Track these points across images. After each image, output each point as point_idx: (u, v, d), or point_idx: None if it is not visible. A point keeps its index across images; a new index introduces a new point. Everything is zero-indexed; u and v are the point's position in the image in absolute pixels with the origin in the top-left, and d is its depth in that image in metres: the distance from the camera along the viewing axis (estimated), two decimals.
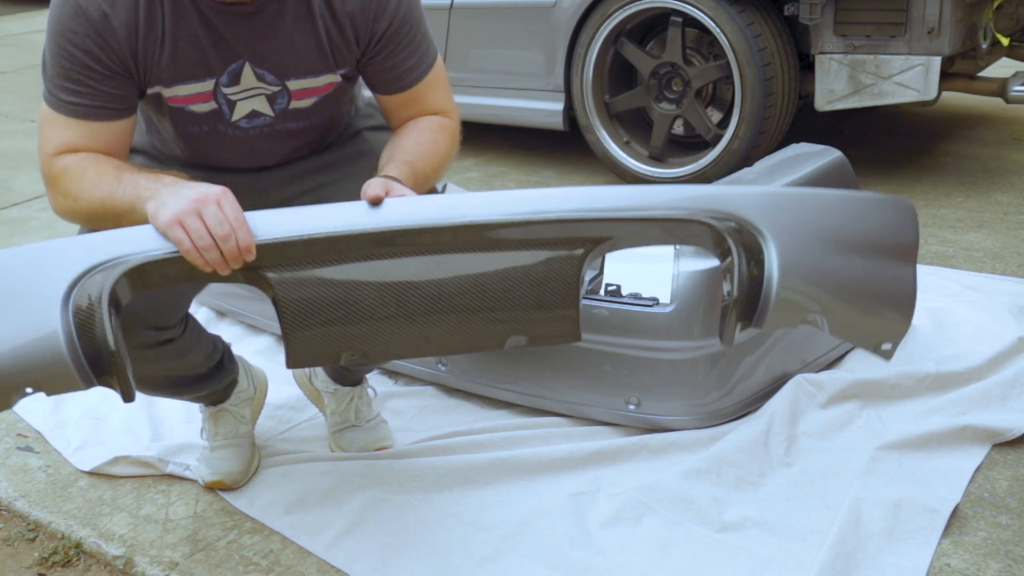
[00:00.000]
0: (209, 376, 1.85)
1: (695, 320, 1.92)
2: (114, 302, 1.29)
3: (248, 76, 1.58)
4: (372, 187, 1.39)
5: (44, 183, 1.56)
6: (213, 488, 1.92)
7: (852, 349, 2.24)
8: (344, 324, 1.37)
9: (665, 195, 1.41)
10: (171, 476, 1.98)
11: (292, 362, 1.41)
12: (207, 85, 1.59)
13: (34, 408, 2.23)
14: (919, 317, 2.37)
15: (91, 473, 2.00)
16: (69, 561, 1.79)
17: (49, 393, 1.26)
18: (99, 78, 1.53)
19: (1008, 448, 1.91)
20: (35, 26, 8.69)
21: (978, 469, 1.85)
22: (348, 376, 1.98)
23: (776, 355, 2.06)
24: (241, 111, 1.62)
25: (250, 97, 1.61)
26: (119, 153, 1.57)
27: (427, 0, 4.42)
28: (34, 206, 3.90)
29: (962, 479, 1.81)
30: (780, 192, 1.43)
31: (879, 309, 1.39)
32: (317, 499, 1.85)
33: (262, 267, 1.35)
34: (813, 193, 1.46)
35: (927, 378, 2.09)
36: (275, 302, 1.37)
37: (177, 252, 1.32)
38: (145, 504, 1.90)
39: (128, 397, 1.31)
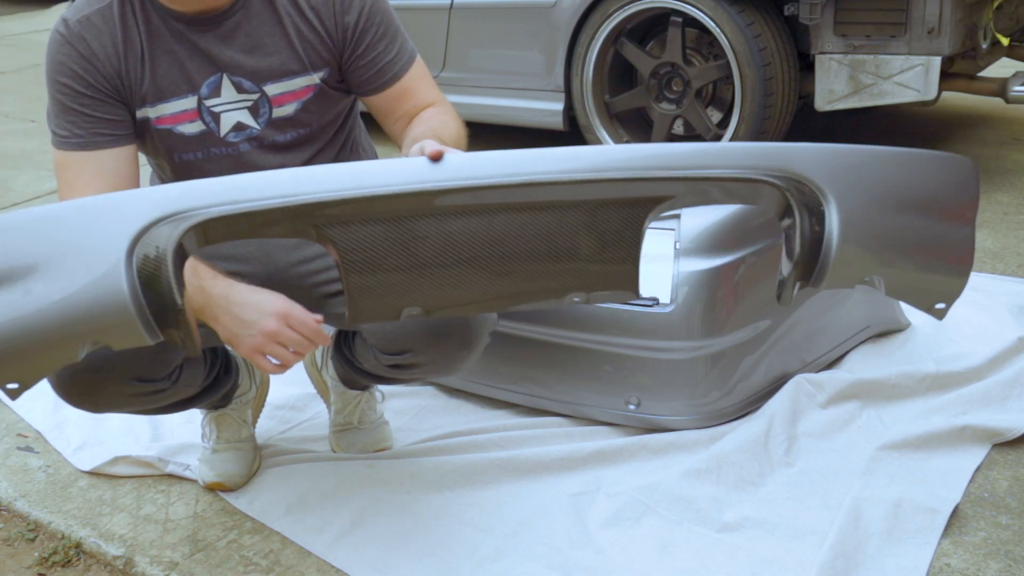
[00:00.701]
0: (203, 394, 1.81)
1: (695, 320, 1.92)
2: (180, 256, 1.28)
3: (227, 87, 1.62)
4: (429, 145, 1.35)
5: None
6: (213, 489, 1.92)
7: (852, 349, 2.24)
8: (407, 276, 1.35)
9: (728, 154, 1.39)
10: (171, 476, 1.98)
11: (353, 316, 1.38)
12: (191, 102, 1.62)
13: (34, 408, 2.23)
14: (919, 317, 2.38)
15: (91, 473, 2.00)
16: (69, 561, 1.79)
17: (116, 347, 1.25)
18: (92, 103, 1.58)
19: (1008, 448, 1.92)
20: (35, 26, 8.69)
21: (978, 469, 1.85)
22: (356, 383, 1.97)
23: (776, 355, 2.06)
24: (227, 124, 1.64)
25: (233, 109, 1.63)
26: (128, 182, 1.60)
27: (427, 0, 4.40)
28: (34, 206, 3.90)
29: (962, 479, 1.81)
30: (842, 149, 1.40)
31: (936, 269, 1.38)
32: (317, 499, 1.85)
33: (327, 224, 1.32)
34: (875, 151, 1.43)
35: (927, 378, 2.09)
36: (338, 257, 1.35)
37: (242, 209, 1.29)
38: (145, 504, 1.90)
39: (193, 351, 1.32)
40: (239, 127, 1.64)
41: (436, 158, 1.32)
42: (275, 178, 1.30)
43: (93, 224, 1.26)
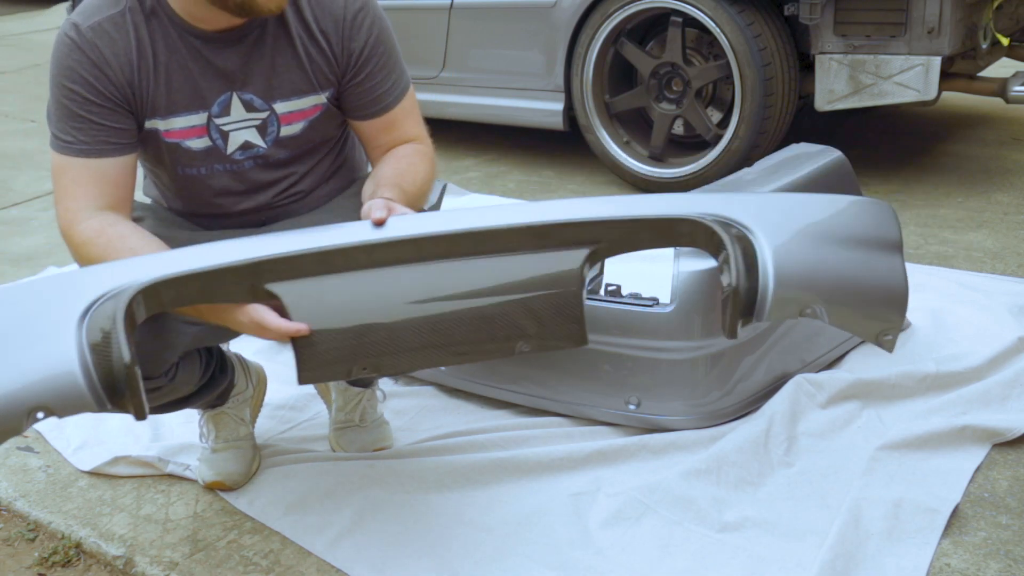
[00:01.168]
0: (198, 394, 1.81)
1: (695, 320, 1.92)
2: (129, 319, 1.31)
3: (237, 106, 1.63)
4: (375, 208, 1.44)
5: (64, 239, 1.60)
6: (213, 488, 1.92)
7: (852, 349, 2.24)
8: (354, 336, 1.38)
9: (659, 203, 1.49)
10: (171, 476, 1.98)
11: (304, 378, 1.41)
12: (201, 118, 1.63)
13: None
14: (919, 317, 2.38)
15: (91, 473, 2.01)
16: (69, 561, 1.79)
17: (61, 416, 1.26)
18: (100, 112, 1.57)
19: (1008, 448, 1.92)
20: (35, 26, 8.69)
21: (978, 469, 1.85)
22: (359, 379, 1.97)
23: (776, 355, 2.06)
24: (235, 142, 1.65)
25: (242, 128, 1.64)
26: (126, 190, 1.62)
27: (427, 0, 4.39)
28: (34, 206, 3.90)
29: (962, 479, 1.81)
30: (765, 196, 1.51)
31: (874, 299, 1.43)
32: (317, 499, 1.85)
33: (272, 282, 1.39)
34: (795, 196, 1.56)
35: (927, 378, 2.09)
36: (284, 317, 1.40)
37: (188, 272, 1.36)
38: (145, 504, 1.90)
39: (140, 415, 1.31)
40: (246, 146, 1.66)
41: (379, 224, 1.43)
42: (223, 248, 1.40)
43: (43, 299, 1.31)
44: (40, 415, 1.24)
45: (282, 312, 1.39)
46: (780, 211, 1.45)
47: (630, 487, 1.83)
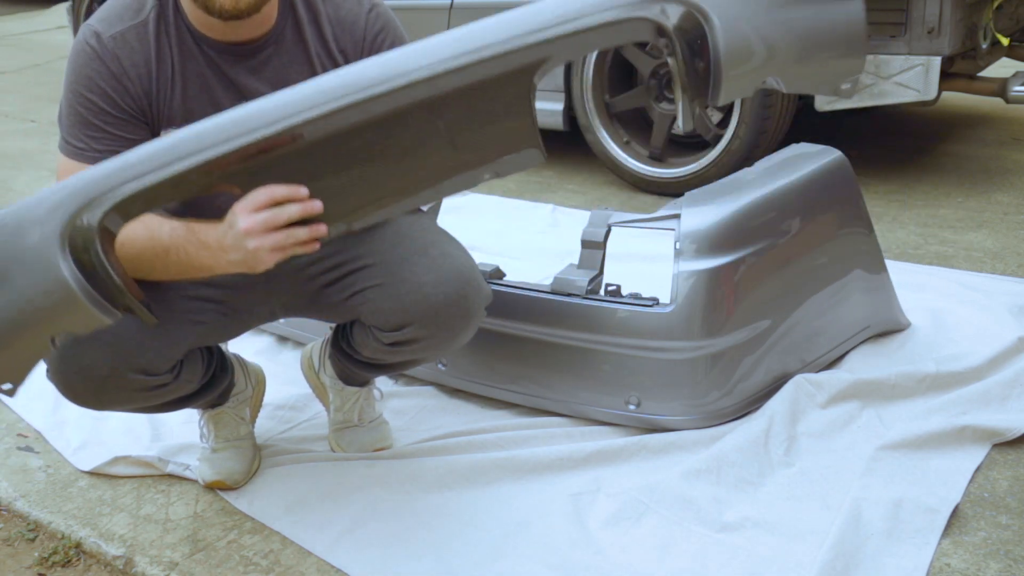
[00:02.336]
0: (200, 392, 1.82)
1: (695, 320, 1.92)
2: (106, 236, 1.34)
3: None
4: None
5: None
6: (214, 488, 1.92)
7: (852, 349, 2.24)
8: (321, 190, 1.39)
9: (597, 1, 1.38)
10: (171, 476, 1.98)
11: None
12: None
13: (34, 408, 2.23)
14: (919, 317, 2.37)
15: (91, 473, 2.00)
16: (69, 561, 1.79)
17: (80, 332, 1.36)
18: (114, 122, 1.58)
19: (1008, 448, 1.91)
20: (35, 26, 8.69)
21: (978, 469, 1.85)
22: (355, 377, 1.97)
23: (776, 355, 2.06)
24: None
25: None
26: None
27: (427, 0, 4.40)
28: None
29: (962, 479, 1.81)
30: None
31: (832, 52, 1.38)
32: (317, 499, 1.85)
33: (231, 176, 1.38)
34: None
35: (927, 378, 2.09)
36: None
37: (142, 188, 1.35)
38: (145, 504, 1.90)
39: (149, 319, 1.37)
40: None
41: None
42: (174, 142, 1.36)
43: (22, 230, 1.33)
44: (62, 336, 1.34)
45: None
46: None
47: (630, 487, 1.83)
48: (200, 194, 1.39)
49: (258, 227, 1.39)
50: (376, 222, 1.55)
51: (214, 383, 1.84)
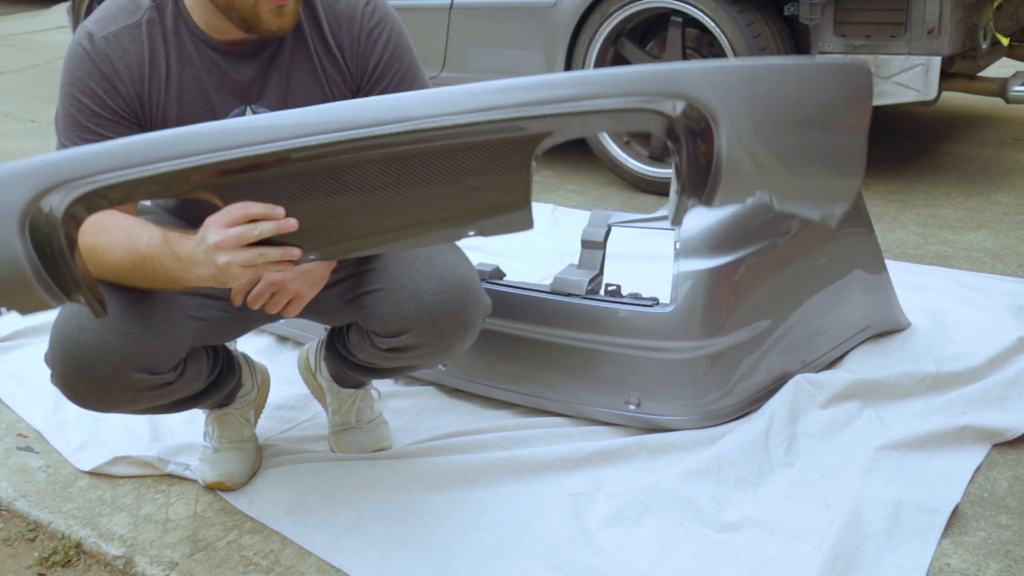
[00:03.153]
0: (206, 392, 1.81)
1: (695, 320, 1.92)
2: (71, 222, 1.31)
3: None
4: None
5: None
6: (214, 488, 1.92)
7: (852, 349, 2.24)
8: (301, 217, 1.37)
9: (611, 81, 1.37)
10: (171, 476, 1.98)
11: None
12: None
13: (34, 408, 2.23)
14: (919, 317, 2.37)
15: (91, 473, 2.00)
16: (69, 561, 1.79)
17: (23, 312, 1.30)
18: (107, 124, 1.57)
19: (1008, 448, 1.92)
20: (35, 26, 8.69)
21: (978, 469, 1.85)
22: (350, 380, 1.97)
23: (776, 355, 2.06)
24: None
25: None
26: (129, 204, 1.59)
27: (427, 0, 4.39)
28: None
29: (962, 479, 1.81)
30: (731, 66, 1.40)
31: (829, 177, 1.39)
32: (317, 499, 1.85)
33: (214, 187, 1.35)
34: (766, 65, 1.44)
35: (927, 378, 2.09)
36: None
37: (116, 181, 1.32)
38: (145, 504, 1.90)
39: (100, 313, 1.33)
40: None
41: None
42: (160, 141, 1.33)
43: None
44: (3, 310, 1.27)
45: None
46: (746, 85, 1.35)
47: (630, 487, 1.83)
48: (175, 198, 1.37)
49: (229, 242, 1.35)
50: (351, 258, 1.53)
51: (221, 383, 1.84)
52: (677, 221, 1.39)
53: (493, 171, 1.37)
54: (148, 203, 1.82)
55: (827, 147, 1.37)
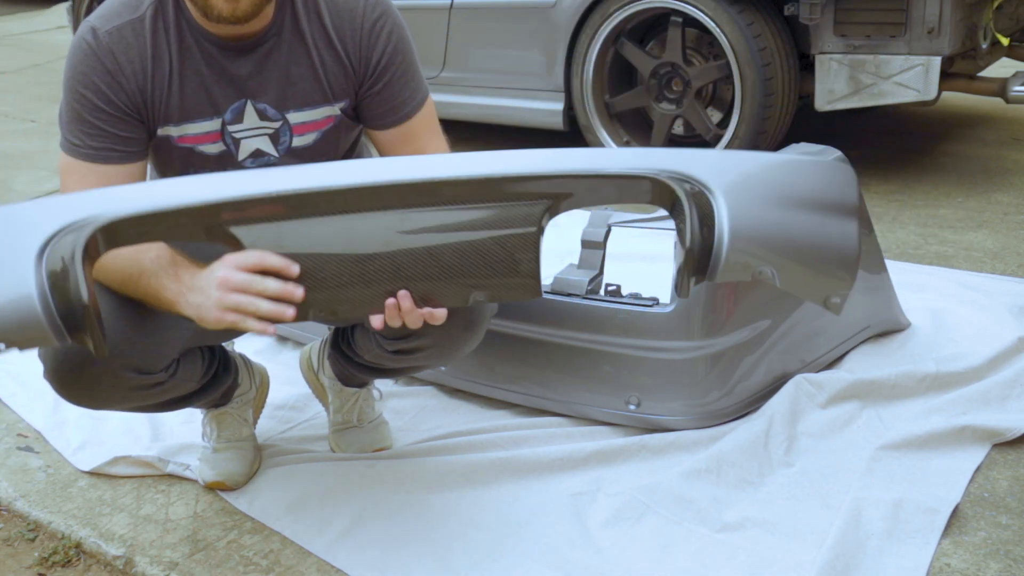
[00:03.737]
0: (201, 392, 1.80)
1: (695, 320, 1.92)
2: (88, 256, 1.31)
3: (250, 114, 1.63)
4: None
5: None
6: (213, 488, 1.92)
7: (852, 349, 2.24)
8: (311, 276, 1.38)
9: (619, 158, 1.47)
10: (171, 476, 1.98)
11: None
12: (214, 124, 1.62)
13: (34, 408, 2.23)
14: (919, 317, 2.38)
15: (91, 473, 2.00)
16: (69, 561, 1.79)
17: (22, 348, 1.28)
18: (109, 120, 1.57)
19: (1008, 448, 1.92)
20: (35, 26, 8.69)
21: (978, 469, 1.85)
22: (354, 379, 1.97)
23: (776, 355, 2.06)
24: (246, 150, 1.65)
25: (254, 136, 1.64)
26: None
27: (427, 0, 4.40)
28: None
29: (962, 479, 1.81)
30: (725, 154, 1.49)
31: (826, 263, 1.44)
32: (317, 499, 1.85)
33: (231, 224, 1.36)
34: (758, 155, 1.54)
35: (927, 378, 2.09)
36: None
37: (148, 210, 1.33)
38: (145, 504, 1.90)
39: (100, 352, 1.32)
40: (257, 154, 1.66)
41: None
42: (184, 184, 1.37)
43: (3, 232, 1.30)
44: (2, 346, 1.26)
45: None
46: (739, 170, 1.44)
47: (630, 487, 1.83)
48: (196, 239, 1.38)
49: (233, 282, 1.36)
50: (350, 318, 1.53)
51: (215, 383, 1.84)
52: (684, 294, 1.45)
53: (504, 235, 1.41)
54: None
55: (821, 231, 1.44)
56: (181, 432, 2.11)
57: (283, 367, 2.35)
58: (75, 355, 1.54)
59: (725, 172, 1.42)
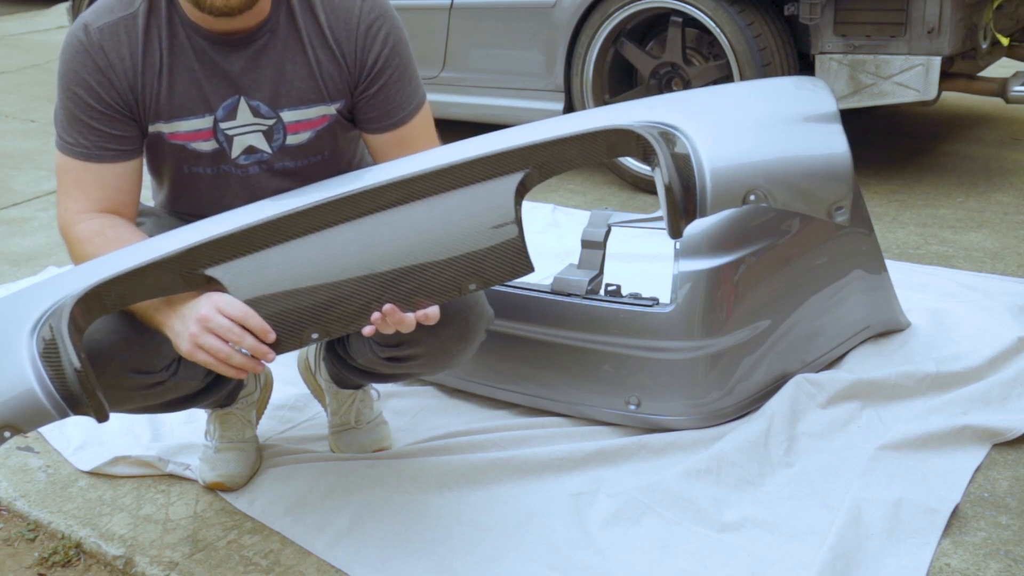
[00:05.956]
0: (204, 392, 1.80)
1: (695, 320, 1.92)
2: (73, 327, 1.33)
3: (244, 110, 1.62)
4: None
5: (61, 235, 1.61)
6: (214, 489, 1.92)
7: (852, 349, 2.24)
8: (297, 303, 1.39)
9: (584, 119, 1.45)
10: (171, 476, 1.98)
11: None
12: (206, 122, 1.62)
13: None
14: (919, 317, 2.37)
15: (91, 473, 2.00)
16: (69, 561, 1.79)
17: (26, 431, 1.30)
18: (102, 118, 1.57)
19: (1008, 448, 1.92)
20: (35, 26, 8.69)
21: (978, 469, 1.85)
22: (349, 382, 1.97)
23: (776, 355, 2.06)
24: (239, 147, 1.64)
25: (247, 133, 1.63)
26: (129, 195, 1.62)
27: (427, 0, 4.40)
28: (34, 206, 3.90)
29: (962, 479, 1.81)
30: (689, 93, 1.48)
31: (817, 173, 1.42)
32: (317, 499, 1.85)
33: (206, 266, 1.40)
34: (721, 87, 1.53)
35: (927, 378, 2.09)
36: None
37: (120, 273, 1.37)
38: (145, 504, 1.90)
39: (102, 417, 1.33)
40: (250, 150, 1.65)
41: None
42: (156, 244, 1.41)
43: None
44: (7, 434, 1.28)
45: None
46: (706, 104, 1.43)
47: (630, 487, 1.83)
48: (180, 289, 1.41)
49: (212, 325, 1.37)
50: (347, 332, 1.55)
51: (219, 383, 1.83)
52: (677, 234, 1.42)
53: (483, 214, 1.40)
54: (151, 204, 1.82)
55: (804, 142, 1.41)
56: (181, 432, 2.11)
57: (283, 367, 2.35)
58: None
59: (692, 109, 1.40)
